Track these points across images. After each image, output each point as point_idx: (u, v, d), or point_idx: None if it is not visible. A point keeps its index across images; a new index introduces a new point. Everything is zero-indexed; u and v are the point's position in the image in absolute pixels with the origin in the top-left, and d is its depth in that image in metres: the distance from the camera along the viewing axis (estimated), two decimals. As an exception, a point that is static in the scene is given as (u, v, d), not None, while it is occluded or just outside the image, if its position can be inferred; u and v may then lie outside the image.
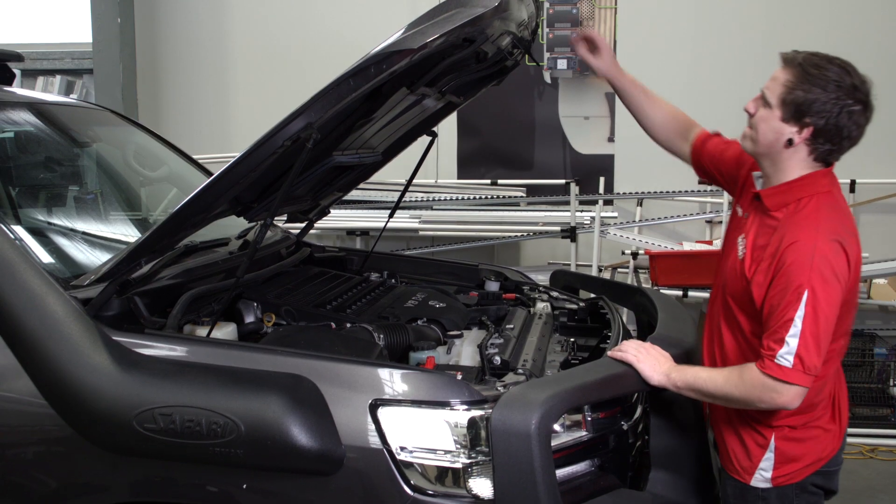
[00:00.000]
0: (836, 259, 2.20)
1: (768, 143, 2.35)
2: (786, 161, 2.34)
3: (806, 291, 2.16)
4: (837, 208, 2.32)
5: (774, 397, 2.22)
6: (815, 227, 2.24)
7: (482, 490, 2.16)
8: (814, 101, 2.24)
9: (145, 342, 2.35)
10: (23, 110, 3.31)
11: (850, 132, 2.28)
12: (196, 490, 2.27)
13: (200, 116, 7.82)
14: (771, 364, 2.19)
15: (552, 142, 7.14)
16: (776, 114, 2.31)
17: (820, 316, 2.17)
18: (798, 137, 2.29)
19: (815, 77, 2.25)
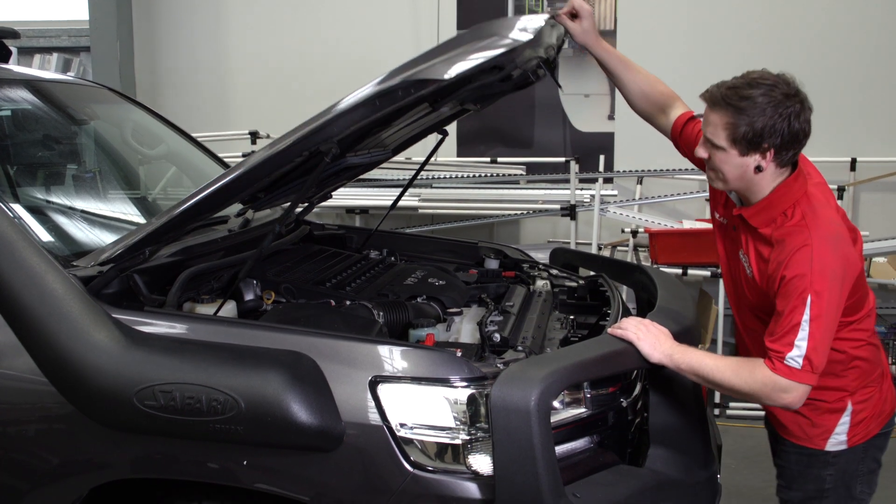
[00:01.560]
0: (834, 257, 2.26)
1: (737, 177, 2.39)
2: (759, 182, 2.39)
3: (809, 296, 2.23)
4: (820, 204, 2.36)
5: (783, 396, 2.29)
6: (808, 234, 2.29)
7: (482, 466, 2.16)
8: (762, 128, 2.28)
9: (145, 320, 2.35)
10: (20, 88, 3.29)
11: (804, 131, 2.32)
12: (197, 466, 2.28)
13: (198, 94, 7.79)
14: (781, 366, 2.26)
15: (552, 120, 7.12)
16: (732, 153, 2.35)
17: (824, 318, 2.24)
18: (765, 162, 2.33)
19: (748, 108, 2.29)
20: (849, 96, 6.53)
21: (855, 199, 6.51)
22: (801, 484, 2.54)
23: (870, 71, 6.49)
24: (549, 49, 2.78)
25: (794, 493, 2.56)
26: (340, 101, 2.45)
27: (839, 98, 6.54)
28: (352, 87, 2.50)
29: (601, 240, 6.39)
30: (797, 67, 2.36)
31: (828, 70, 6.53)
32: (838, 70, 6.52)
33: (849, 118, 6.54)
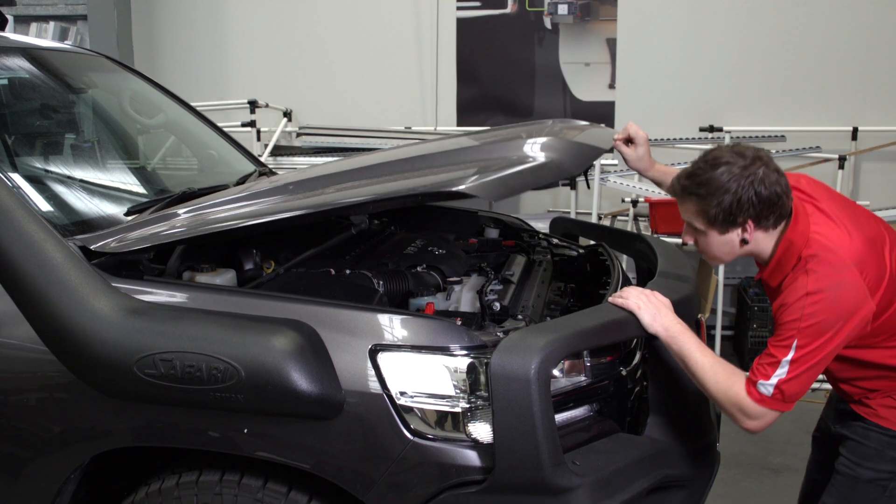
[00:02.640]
0: (831, 307, 2.25)
1: (727, 253, 2.42)
2: (754, 249, 2.41)
3: (795, 342, 2.26)
4: (822, 252, 2.31)
5: (745, 421, 2.33)
6: (806, 282, 2.28)
7: (482, 434, 2.17)
8: (731, 205, 2.29)
9: (145, 288, 2.35)
10: (17, 56, 3.27)
11: (776, 190, 2.31)
12: (197, 435, 2.29)
13: (197, 63, 7.76)
14: (753, 389, 2.30)
15: (552, 88, 7.09)
16: (713, 234, 2.37)
17: (806, 362, 2.26)
18: (747, 234, 2.35)
19: (712, 192, 2.30)
20: (850, 65, 6.49)
21: (856, 169, 6.50)
22: (876, 462, 2.48)
23: (871, 39, 6.44)
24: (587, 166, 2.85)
25: (863, 469, 2.50)
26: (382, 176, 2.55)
27: (841, 67, 6.51)
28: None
29: (601, 209, 6.39)
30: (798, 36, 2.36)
31: (829, 38, 6.49)
32: (840, 38, 6.48)
33: (850, 87, 6.51)
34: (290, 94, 7.43)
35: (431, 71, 7.28)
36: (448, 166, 2.58)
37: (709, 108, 6.73)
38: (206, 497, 2.31)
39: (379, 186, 2.53)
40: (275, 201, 2.55)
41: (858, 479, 2.51)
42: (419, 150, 3.20)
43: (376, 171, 2.69)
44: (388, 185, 2.52)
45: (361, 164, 2.97)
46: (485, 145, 2.78)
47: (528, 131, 3.09)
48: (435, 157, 2.72)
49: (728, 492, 4.17)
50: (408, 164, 2.71)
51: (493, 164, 2.48)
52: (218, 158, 3.96)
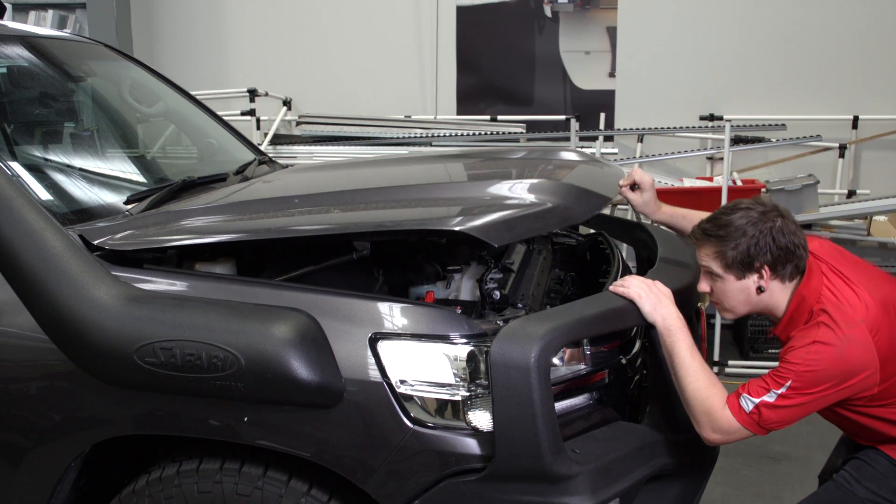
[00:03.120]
0: (836, 358, 2.28)
1: (742, 302, 2.47)
2: (769, 301, 2.45)
3: (790, 381, 2.29)
4: (833, 309, 2.35)
5: (711, 434, 2.37)
6: (815, 334, 2.32)
7: (481, 422, 2.17)
8: (748, 249, 2.36)
9: (144, 277, 2.35)
10: (15, 44, 3.26)
11: (793, 243, 2.38)
12: (198, 423, 2.29)
13: (196, 51, 7.74)
14: (735, 400, 2.34)
15: (552, 77, 7.08)
16: (730, 279, 2.42)
17: (794, 402, 2.30)
18: (763, 281, 2.40)
19: (729, 234, 2.38)
20: (851, 53, 6.48)
21: (857, 157, 6.49)
22: (877, 486, 2.49)
23: (872, 28, 6.42)
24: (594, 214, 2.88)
25: (861, 487, 2.51)
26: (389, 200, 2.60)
27: (841, 55, 6.49)
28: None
29: (601, 198, 6.36)
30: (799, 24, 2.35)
31: (830, 27, 6.48)
32: (841, 27, 6.46)
33: (851, 75, 6.49)
34: (289, 82, 7.42)
35: (431, 59, 7.27)
36: (451, 201, 2.59)
37: (709, 97, 6.72)
38: (206, 485, 2.31)
39: (382, 214, 2.56)
40: (281, 215, 2.59)
41: (853, 494, 2.51)
42: (421, 172, 3.21)
43: (380, 195, 2.70)
44: (391, 213, 2.56)
45: (364, 181, 2.99)
46: (488, 180, 2.79)
47: (525, 166, 3.11)
48: (438, 189, 2.74)
49: (727, 480, 4.18)
50: (411, 192, 2.72)
51: (496, 205, 2.49)
52: (217, 147, 3.95)
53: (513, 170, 3.15)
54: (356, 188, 2.89)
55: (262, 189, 3.20)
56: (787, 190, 5.42)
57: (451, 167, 3.40)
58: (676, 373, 2.39)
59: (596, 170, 3.18)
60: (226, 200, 2.92)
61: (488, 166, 3.36)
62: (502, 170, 3.18)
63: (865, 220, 5.94)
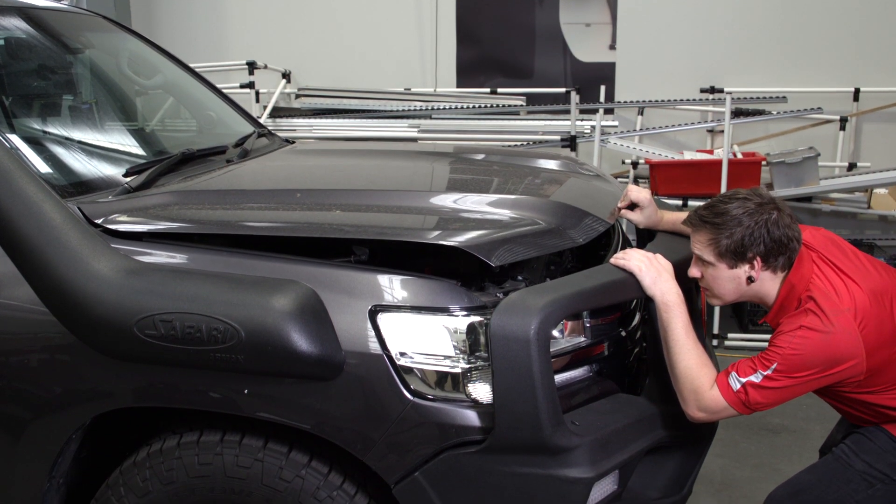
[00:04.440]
0: (820, 349, 2.32)
1: (733, 291, 2.49)
2: (759, 290, 2.47)
3: (775, 364, 2.33)
4: (821, 297, 2.38)
5: (696, 412, 2.38)
6: (801, 321, 2.36)
7: (481, 394, 2.18)
8: (742, 239, 2.38)
9: (144, 249, 2.35)
10: (12, 16, 3.23)
11: (787, 236, 2.40)
12: (198, 395, 2.30)
13: (195, 24, 7.70)
14: (723, 377, 2.37)
15: (552, 49, 7.04)
16: (722, 267, 2.44)
17: (779, 385, 2.34)
18: (754, 272, 2.43)
19: (725, 222, 2.39)
20: (852, 26, 6.44)
21: (857, 130, 6.47)
22: (874, 459, 2.50)
23: (874, 0, 6.39)
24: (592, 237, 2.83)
25: (858, 460, 2.52)
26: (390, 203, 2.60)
27: (842, 27, 6.46)
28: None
29: (601, 171, 6.36)
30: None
31: (833, -2, 6.45)
32: (843, -2, 6.43)
33: (852, 48, 6.46)
34: (289, 55, 7.38)
35: (431, 32, 7.23)
36: (454, 213, 2.58)
37: (710, 69, 6.69)
38: (206, 457, 2.32)
39: (385, 219, 2.55)
40: (283, 210, 2.59)
41: (850, 467, 2.52)
42: (427, 174, 3.20)
43: (384, 198, 2.68)
44: (394, 219, 2.56)
45: (370, 179, 2.98)
46: (491, 193, 2.76)
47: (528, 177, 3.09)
48: (443, 198, 2.72)
49: (726, 452, 4.20)
50: (415, 198, 2.71)
51: (498, 223, 2.47)
52: (216, 120, 3.93)
53: (515, 182, 3.12)
54: (361, 188, 2.87)
55: (265, 174, 3.19)
56: (787, 162, 5.41)
57: (455, 171, 3.39)
58: (670, 349, 2.41)
59: (594, 186, 3.16)
60: (226, 183, 2.91)
61: (491, 172, 3.33)
62: (504, 180, 3.16)
63: (866, 192, 5.94)
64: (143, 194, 2.64)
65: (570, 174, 3.31)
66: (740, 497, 3.84)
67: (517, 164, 3.47)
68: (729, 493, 3.87)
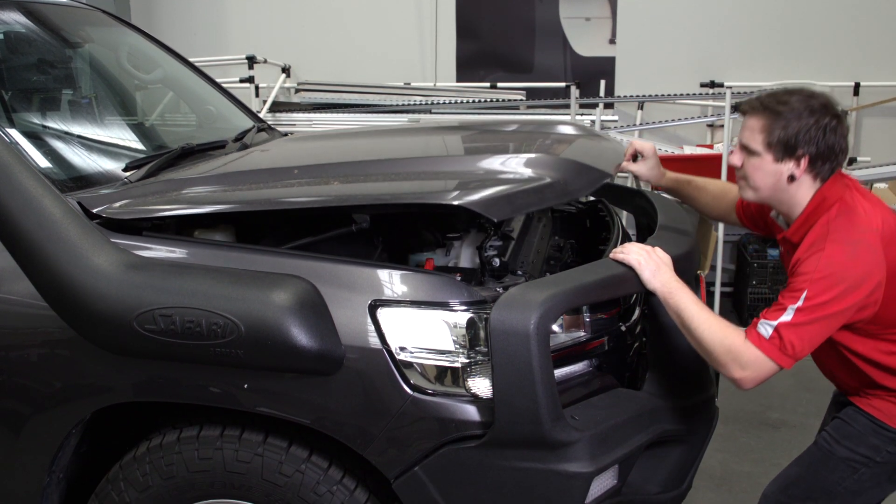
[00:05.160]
0: (846, 264, 2.25)
1: (769, 186, 2.41)
2: (794, 194, 2.39)
3: (805, 292, 2.24)
4: (849, 211, 2.34)
5: (735, 369, 2.28)
6: (825, 237, 2.30)
7: (481, 389, 2.18)
8: (797, 133, 2.30)
9: (143, 244, 2.34)
10: (11, 10, 3.23)
11: (840, 146, 2.34)
12: (198, 390, 2.30)
13: (194, 18, 7.68)
14: (752, 330, 2.29)
15: (552, 44, 7.03)
16: (767, 158, 2.36)
17: (814, 314, 2.24)
18: (798, 171, 2.35)
19: (786, 112, 2.32)
20: (853, 20, 6.44)
21: (857, 124, 6.46)
22: (855, 444, 2.48)
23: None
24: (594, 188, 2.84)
25: (840, 447, 2.50)
26: (389, 171, 2.55)
27: (843, 22, 6.45)
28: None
29: (601, 166, 6.35)
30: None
31: (833, -8, 6.44)
32: (844, -8, 6.43)
33: (853, 42, 6.46)
34: (288, 49, 7.37)
35: (431, 26, 7.22)
36: (451, 174, 2.58)
37: (710, 64, 6.68)
38: (206, 452, 2.32)
39: (381, 186, 2.54)
40: (280, 186, 2.57)
41: (833, 454, 2.51)
42: (419, 144, 3.19)
43: (378, 167, 2.68)
44: (390, 186, 2.54)
45: (362, 152, 2.97)
46: (487, 154, 2.77)
47: (523, 140, 3.09)
48: (437, 162, 2.72)
49: (726, 446, 4.20)
50: (410, 164, 2.71)
51: (496, 179, 2.48)
52: (216, 114, 3.93)
53: (511, 143, 3.13)
54: (354, 160, 2.87)
55: (260, 158, 3.19)
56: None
57: (449, 140, 3.38)
58: (689, 327, 2.34)
59: (595, 144, 3.17)
60: (224, 169, 2.91)
61: (486, 139, 3.34)
62: (501, 143, 3.17)
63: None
64: (140, 184, 2.64)
65: (575, 136, 3.31)
66: (740, 492, 3.85)
67: (516, 130, 3.46)
68: (729, 488, 3.88)
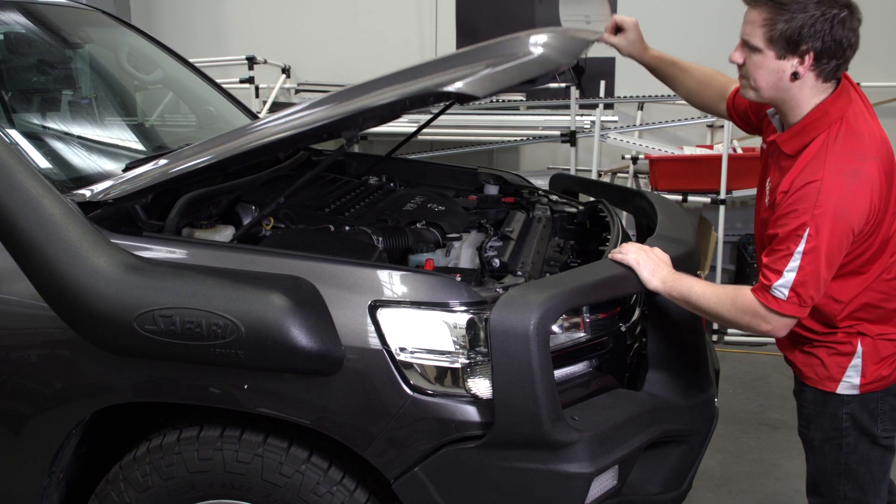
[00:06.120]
0: (845, 195, 2.15)
1: (771, 85, 2.26)
2: (796, 95, 2.26)
3: (808, 229, 2.14)
4: (850, 133, 2.23)
5: (761, 324, 2.26)
6: (822, 163, 2.18)
7: (481, 390, 2.18)
8: (801, 27, 2.14)
9: (143, 245, 2.34)
10: (11, 11, 3.23)
11: (849, 41, 2.17)
12: (198, 391, 2.30)
13: (194, 18, 7.69)
14: (767, 295, 2.22)
15: (552, 44, 7.03)
16: (769, 55, 2.21)
17: (822, 254, 2.15)
18: (802, 68, 2.20)
19: (788, 4, 2.15)
20: (854, 20, 6.43)
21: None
22: (819, 424, 2.46)
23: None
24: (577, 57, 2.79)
25: (813, 433, 2.49)
26: (368, 92, 2.41)
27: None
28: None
29: (601, 166, 6.36)
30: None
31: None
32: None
33: (853, 42, 6.45)
34: (288, 49, 7.37)
35: (431, 28, 7.22)
36: (435, 73, 2.52)
37: (709, 64, 6.63)
38: (206, 452, 2.32)
39: (367, 100, 2.42)
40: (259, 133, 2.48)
41: (811, 441, 2.50)
42: None
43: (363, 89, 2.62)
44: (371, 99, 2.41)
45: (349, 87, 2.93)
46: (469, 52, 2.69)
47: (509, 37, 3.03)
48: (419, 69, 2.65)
49: (726, 447, 4.20)
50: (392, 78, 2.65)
51: (479, 64, 2.41)
52: (216, 115, 3.93)
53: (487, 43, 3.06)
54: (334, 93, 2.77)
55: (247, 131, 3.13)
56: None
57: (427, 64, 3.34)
58: (700, 305, 2.32)
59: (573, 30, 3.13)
60: None
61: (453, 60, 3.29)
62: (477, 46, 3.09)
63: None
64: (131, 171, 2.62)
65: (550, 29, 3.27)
66: (740, 492, 3.85)
67: None
68: (728, 489, 3.88)
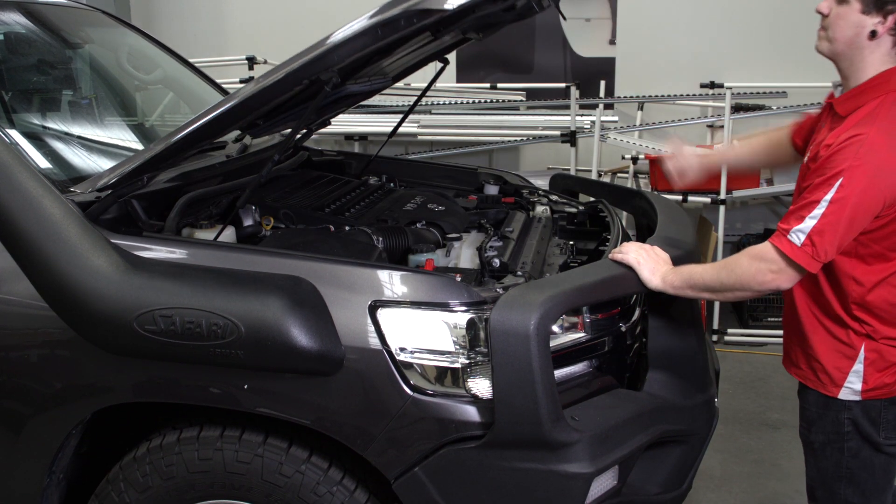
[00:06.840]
0: (888, 154, 2.12)
1: (847, 39, 2.24)
2: (867, 56, 2.24)
3: (841, 179, 2.10)
4: None
5: (767, 272, 2.19)
6: (871, 122, 2.17)
7: (481, 390, 2.18)
8: None
9: (143, 245, 2.34)
10: (11, 11, 3.24)
11: None
12: (198, 391, 2.30)
13: (194, 18, 7.69)
14: (782, 239, 2.17)
15: (552, 44, 7.03)
16: (854, 7, 2.20)
17: (848, 206, 2.10)
18: (882, 27, 2.19)
19: None
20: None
21: None
22: (820, 426, 2.44)
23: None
24: None
25: (814, 435, 2.46)
26: (341, 28, 2.40)
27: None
28: (351, 10, 2.45)
29: (601, 166, 6.36)
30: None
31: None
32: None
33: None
34: (288, 50, 7.31)
35: (431, 27, 7.21)
36: None
37: (710, 64, 6.68)
38: (206, 452, 2.32)
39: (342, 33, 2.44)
40: (243, 92, 2.48)
41: (813, 444, 2.48)
42: None
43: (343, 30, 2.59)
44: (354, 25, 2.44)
45: None
46: None
47: None
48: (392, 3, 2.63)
49: (726, 447, 4.20)
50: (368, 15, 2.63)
51: None
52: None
53: None
54: None
55: None
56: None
57: None
58: (707, 284, 2.29)
59: None
60: None
61: None
62: None
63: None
64: None
65: None
66: (740, 492, 3.85)
67: None
68: (729, 489, 3.88)
